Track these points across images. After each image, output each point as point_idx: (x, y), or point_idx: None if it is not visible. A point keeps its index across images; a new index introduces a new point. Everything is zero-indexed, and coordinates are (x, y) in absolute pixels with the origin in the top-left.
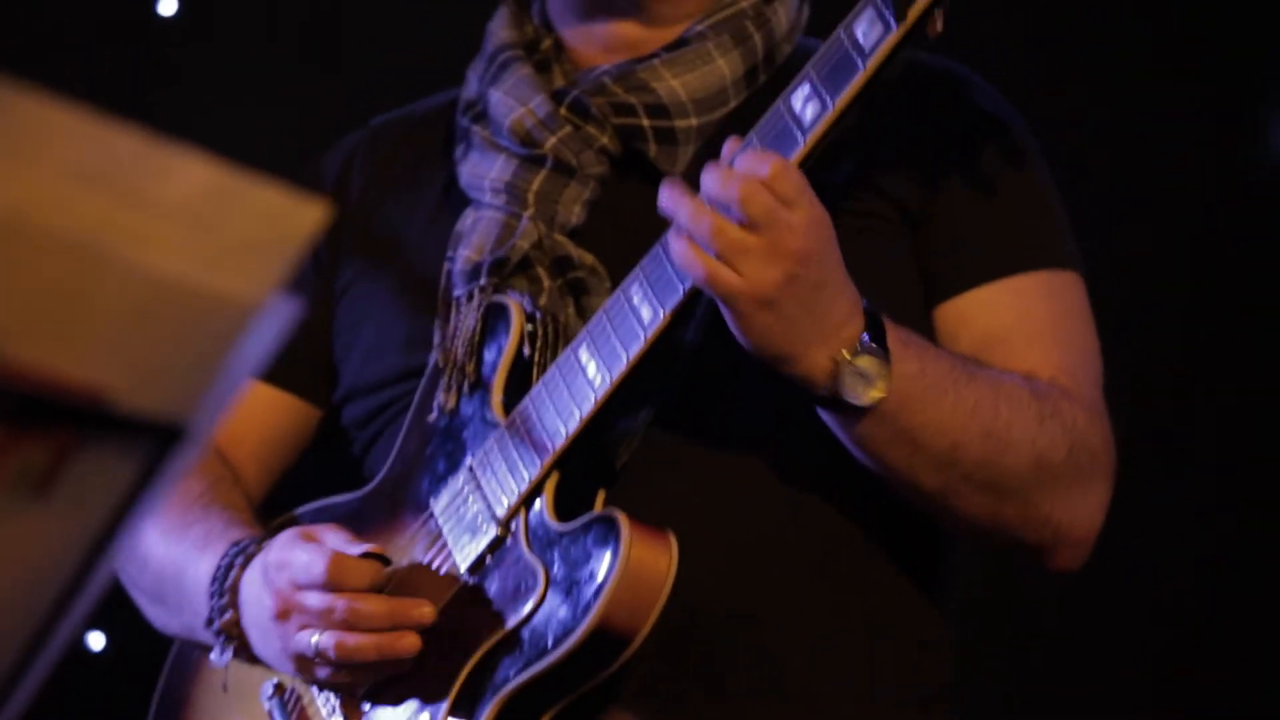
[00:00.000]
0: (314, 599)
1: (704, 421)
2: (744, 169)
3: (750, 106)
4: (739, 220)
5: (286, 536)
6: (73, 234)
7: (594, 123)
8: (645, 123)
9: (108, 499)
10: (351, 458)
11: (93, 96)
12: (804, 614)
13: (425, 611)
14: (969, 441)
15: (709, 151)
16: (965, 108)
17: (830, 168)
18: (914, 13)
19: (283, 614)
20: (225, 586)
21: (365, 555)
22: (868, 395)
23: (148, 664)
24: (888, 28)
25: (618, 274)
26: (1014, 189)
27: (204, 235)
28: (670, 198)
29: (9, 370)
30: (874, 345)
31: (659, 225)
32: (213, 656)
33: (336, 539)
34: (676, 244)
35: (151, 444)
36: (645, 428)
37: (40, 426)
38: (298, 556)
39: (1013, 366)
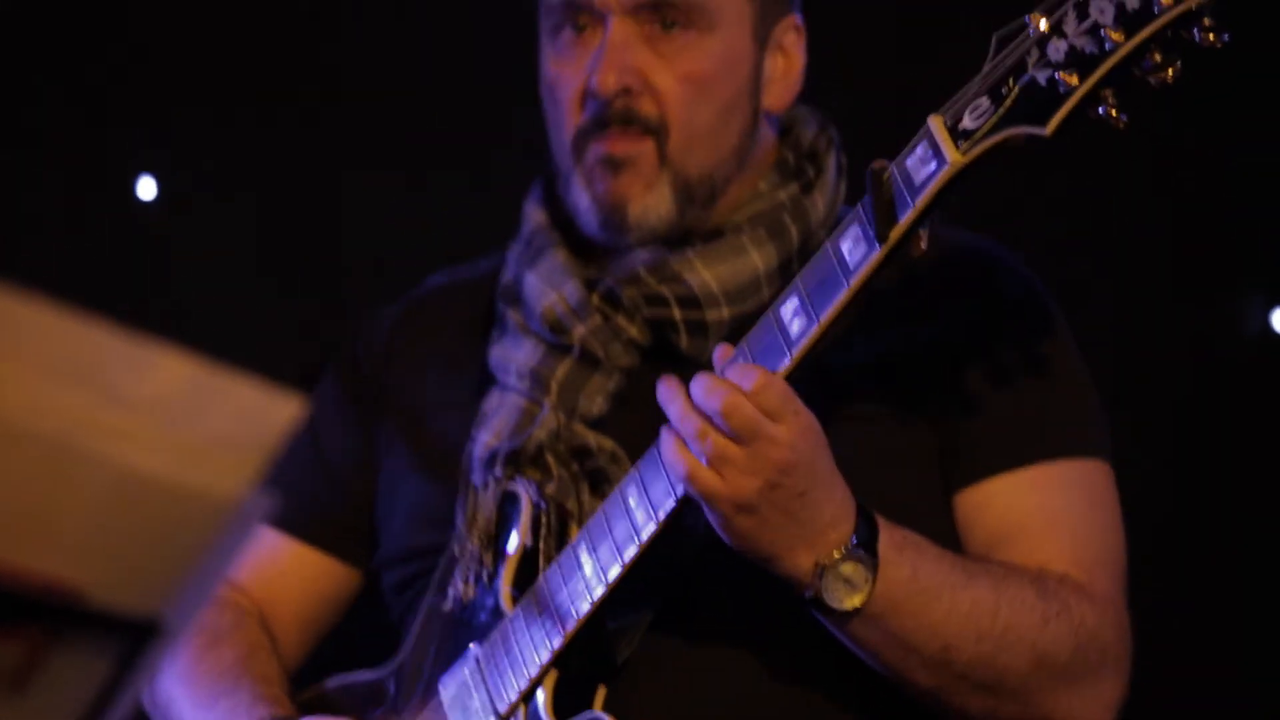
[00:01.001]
0: None
1: (707, 618)
2: (732, 380)
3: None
4: (722, 429)
5: None
6: (48, 431)
7: (624, 313)
8: (677, 314)
9: (83, 695)
10: (388, 623)
11: (69, 286)
12: None
13: None
14: (963, 644)
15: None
16: (989, 291)
17: (846, 349)
18: (895, 234)
19: None
20: None
21: None
22: (848, 601)
23: None
24: (870, 247)
25: (635, 460)
26: (1038, 376)
27: (181, 431)
28: (665, 394)
29: None
30: (860, 551)
31: None
32: None
33: None
34: (666, 438)
35: (127, 640)
36: (648, 623)
37: (14, 624)
38: None
39: (1027, 560)
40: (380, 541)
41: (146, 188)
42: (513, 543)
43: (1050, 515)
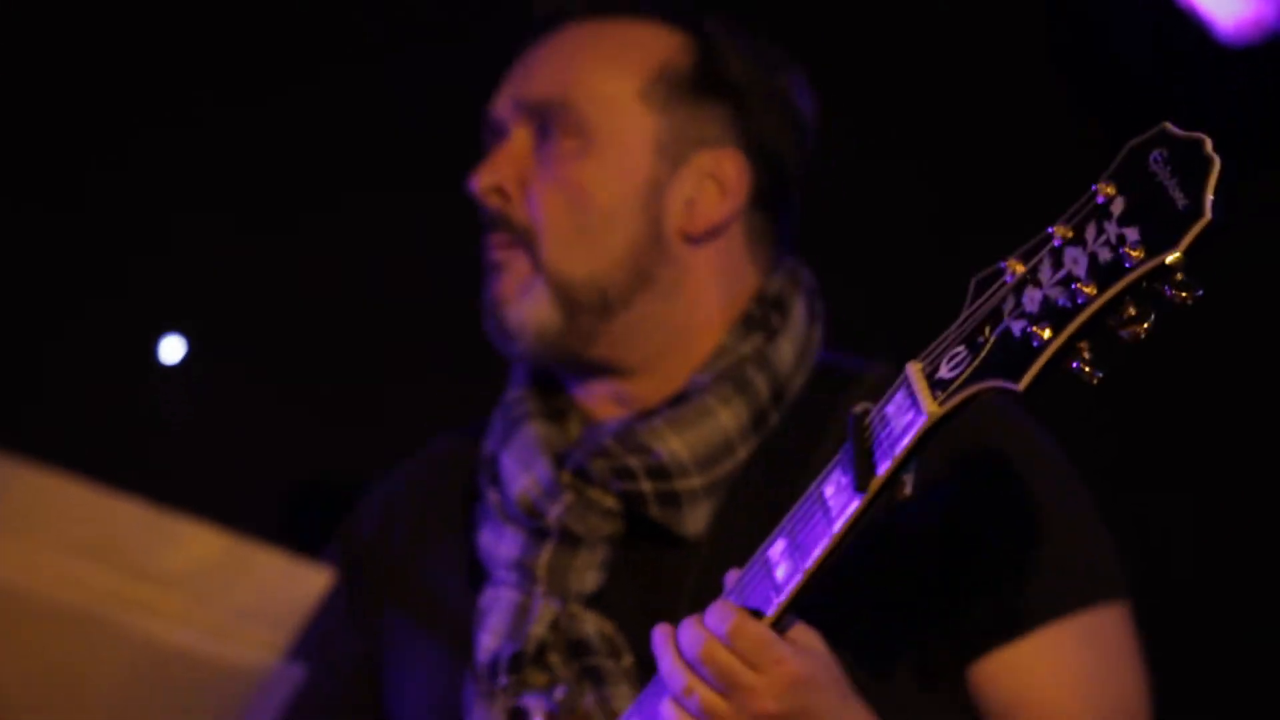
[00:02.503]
0: None
1: None
2: (709, 626)
3: (763, 451)
4: (706, 679)
5: None
6: (76, 606)
7: (597, 486)
8: (646, 487)
9: None
10: None
11: (93, 455)
12: None
13: None
14: None
15: (730, 507)
16: (969, 462)
17: (844, 592)
18: (875, 485)
19: None
20: None
21: None
22: None
23: None
24: (852, 497)
25: (637, 643)
26: (1038, 530)
27: (208, 604)
28: (658, 643)
29: None
30: None
31: (673, 586)
32: None
33: None
34: (663, 703)
35: None
36: None
37: None
38: None
39: None
40: None
41: (171, 351)
42: None
43: (1060, 682)
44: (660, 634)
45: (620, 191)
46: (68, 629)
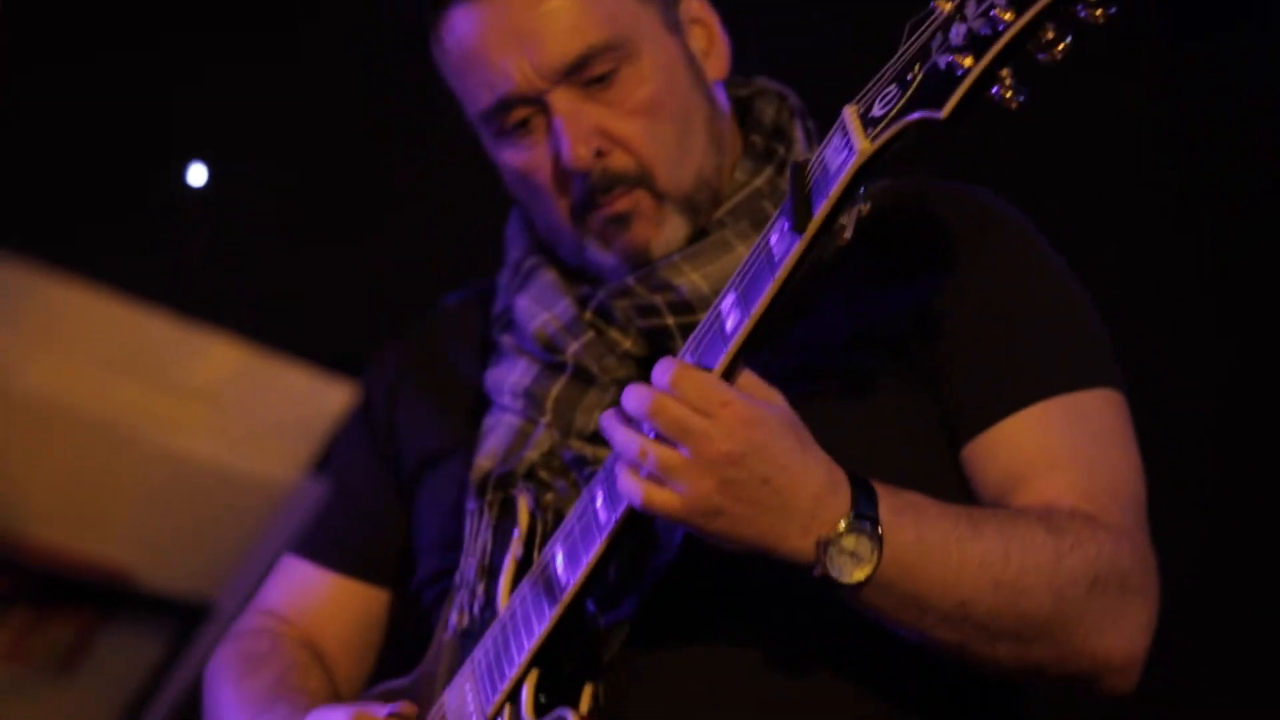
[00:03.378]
0: None
1: (693, 611)
2: (655, 382)
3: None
4: (658, 434)
5: (321, 710)
6: (100, 417)
7: (617, 327)
8: (670, 321)
9: (133, 677)
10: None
11: (121, 273)
12: None
13: None
14: (979, 596)
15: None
16: (972, 239)
17: (821, 319)
18: (813, 226)
19: None
20: None
21: (391, 715)
22: (856, 574)
23: None
24: (792, 239)
25: None
26: (1024, 315)
27: (232, 417)
28: (607, 424)
29: (34, 551)
30: (862, 523)
31: None
32: None
33: (373, 705)
34: (619, 472)
35: (177, 622)
36: (633, 619)
37: (65, 606)
38: (335, 715)
39: (1034, 500)
40: (416, 565)
41: (197, 174)
42: (508, 556)
43: (1054, 452)
44: (607, 414)
45: (678, 85)
46: (93, 440)
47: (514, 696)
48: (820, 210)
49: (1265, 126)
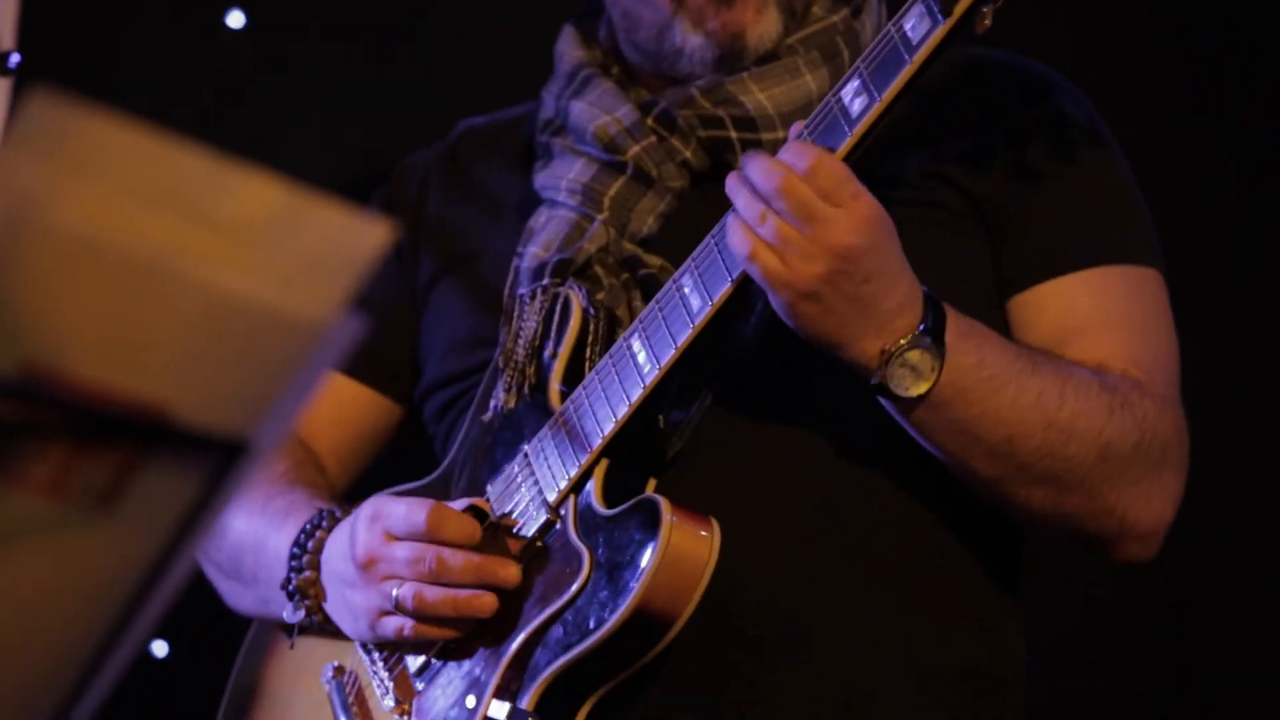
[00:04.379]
0: (403, 549)
1: (759, 411)
2: (786, 161)
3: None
4: (781, 211)
5: (379, 496)
6: (139, 253)
7: (679, 135)
8: (733, 134)
9: (172, 514)
10: (431, 451)
11: (160, 113)
12: (855, 615)
13: (511, 572)
14: (1029, 433)
15: None
16: (1042, 104)
17: (899, 159)
18: (960, 9)
19: (369, 563)
20: (307, 547)
21: (467, 510)
22: (915, 388)
23: (211, 671)
24: (934, 22)
25: None
26: (1092, 184)
27: (270, 255)
28: (732, 184)
29: (74, 387)
30: (926, 339)
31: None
32: (285, 614)
33: (434, 498)
34: (732, 224)
35: (215, 460)
36: (700, 417)
37: (104, 443)
38: (395, 508)
39: (1085, 358)
40: (423, 373)
41: (235, 18)
42: (561, 346)
43: (1107, 316)
44: (733, 176)
45: None
46: (131, 275)
47: (578, 487)
48: None
49: None
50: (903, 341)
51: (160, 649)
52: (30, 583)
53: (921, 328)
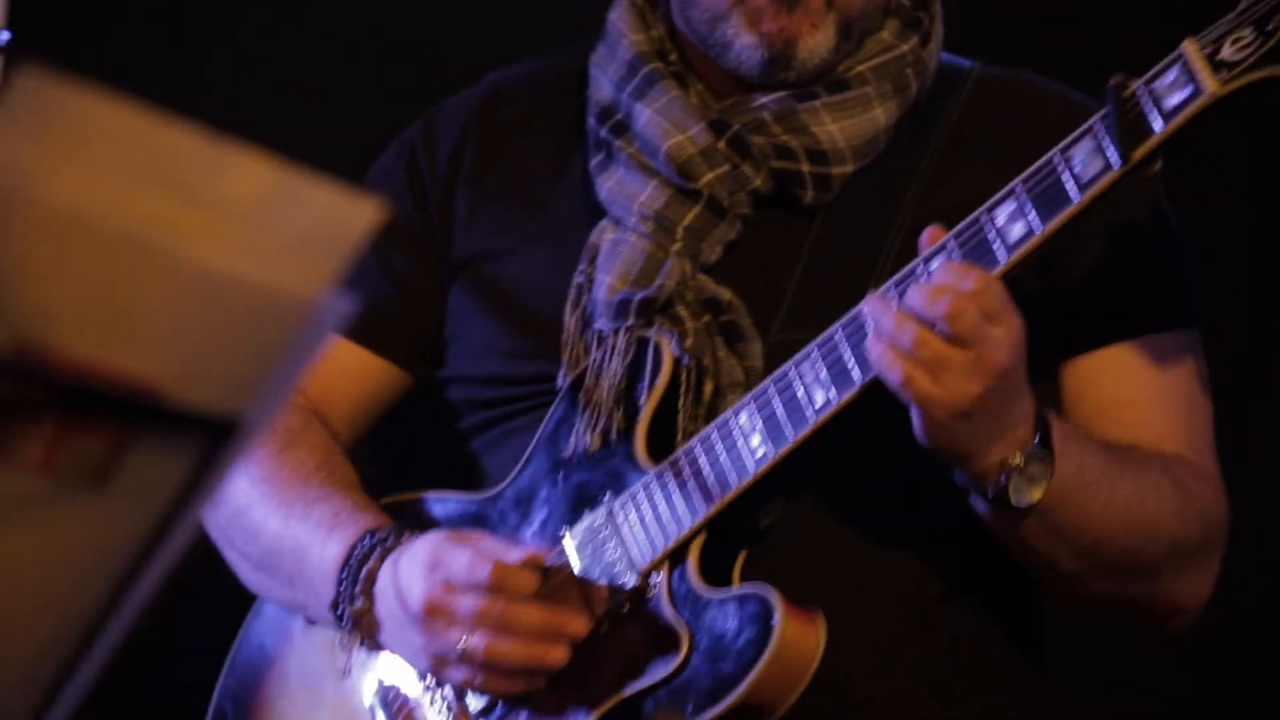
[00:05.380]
0: (468, 601)
1: (849, 490)
2: (949, 284)
3: (892, 148)
4: (944, 334)
5: (436, 538)
6: (128, 230)
7: (751, 162)
8: (805, 168)
9: (163, 492)
10: (454, 437)
11: (148, 88)
12: (935, 695)
13: (580, 625)
14: (1114, 536)
15: (854, 192)
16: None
17: (949, 214)
18: (1139, 155)
19: (432, 612)
20: (360, 575)
21: (525, 563)
22: (1030, 497)
23: (203, 649)
24: (1107, 165)
25: (754, 310)
26: (1152, 245)
27: (260, 232)
28: (873, 306)
29: (64, 364)
30: (1042, 449)
31: (794, 264)
32: (338, 642)
33: (493, 545)
34: (876, 348)
35: (206, 438)
36: (793, 492)
37: (95, 420)
38: (456, 558)
39: (1136, 433)
40: (448, 354)
41: None
42: (647, 395)
43: (1160, 390)
44: (872, 298)
45: None
46: (119, 253)
47: (675, 556)
48: (1154, 140)
49: None
50: (1022, 453)
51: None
52: (22, 561)
53: (1038, 438)
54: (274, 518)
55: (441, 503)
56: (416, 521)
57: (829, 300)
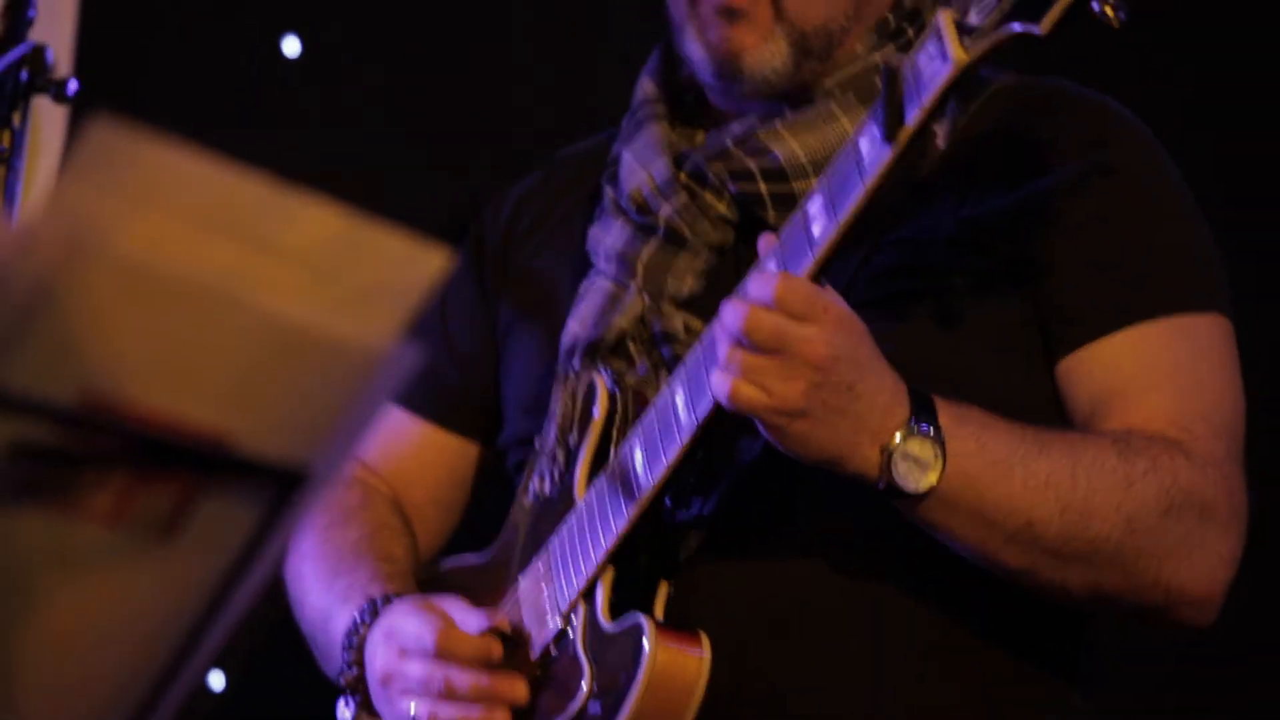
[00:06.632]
0: (415, 668)
1: (770, 511)
2: (750, 296)
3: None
4: (748, 346)
5: (403, 605)
6: (198, 280)
7: (711, 190)
8: (763, 189)
9: (232, 542)
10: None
11: (219, 141)
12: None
13: (519, 691)
14: (1047, 516)
15: None
16: (1090, 152)
17: (929, 214)
18: (904, 136)
19: (385, 680)
20: (353, 643)
21: (486, 630)
22: (923, 481)
23: (267, 703)
24: (882, 148)
25: None
26: (1137, 226)
27: (328, 281)
28: (710, 333)
29: (135, 415)
30: (921, 426)
31: None
32: (339, 709)
33: (455, 608)
34: (713, 369)
35: (275, 489)
36: (710, 518)
37: (165, 471)
38: (407, 625)
39: (1119, 423)
40: (503, 423)
41: (291, 45)
42: (587, 435)
43: (1150, 375)
44: (725, 307)
45: None
46: (191, 302)
47: (589, 594)
48: (914, 119)
49: None
50: (899, 435)
51: (217, 681)
52: (91, 613)
53: (914, 418)
54: (312, 591)
55: (461, 565)
56: (441, 586)
57: None
